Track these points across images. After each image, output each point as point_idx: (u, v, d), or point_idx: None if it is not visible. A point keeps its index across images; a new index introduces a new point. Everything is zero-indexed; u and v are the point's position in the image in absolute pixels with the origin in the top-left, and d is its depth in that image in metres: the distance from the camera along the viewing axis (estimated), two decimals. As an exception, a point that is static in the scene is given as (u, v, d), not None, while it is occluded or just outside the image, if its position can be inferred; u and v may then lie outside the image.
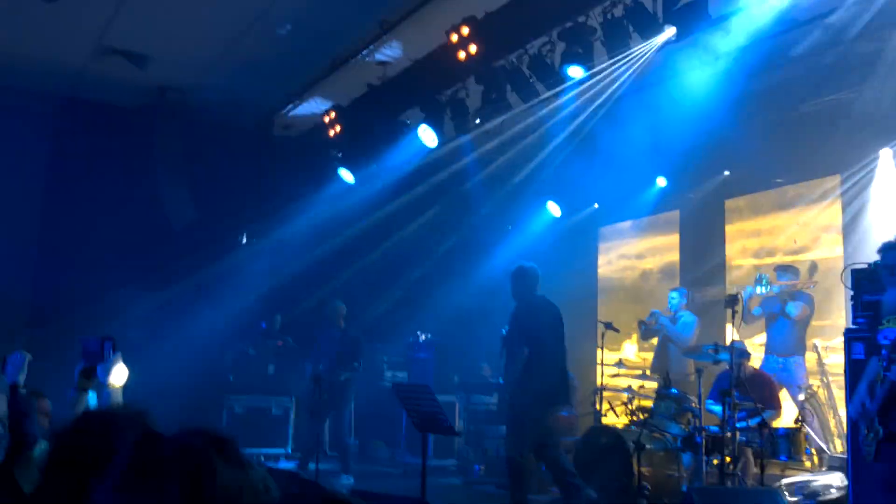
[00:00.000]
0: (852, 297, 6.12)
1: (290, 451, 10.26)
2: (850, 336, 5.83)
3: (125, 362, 3.37)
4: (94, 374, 3.27)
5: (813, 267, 9.06)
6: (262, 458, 9.48)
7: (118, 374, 3.29)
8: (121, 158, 10.36)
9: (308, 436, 9.26)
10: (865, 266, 5.88)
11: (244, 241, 11.36)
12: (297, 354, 10.65)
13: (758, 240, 10.17)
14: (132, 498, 1.49)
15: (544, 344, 6.79)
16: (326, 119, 10.21)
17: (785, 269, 8.78)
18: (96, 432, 2.19)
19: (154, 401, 2.31)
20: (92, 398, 3.32)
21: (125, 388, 3.35)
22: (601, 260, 12.45)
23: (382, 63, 9.32)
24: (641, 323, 9.38)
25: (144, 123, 10.71)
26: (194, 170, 10.92)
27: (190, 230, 10.72)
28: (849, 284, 6.12)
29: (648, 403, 7.62)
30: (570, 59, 7.34)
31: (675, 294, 9.45)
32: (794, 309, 8.35)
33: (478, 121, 8.66)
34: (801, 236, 9.63)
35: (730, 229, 10.64)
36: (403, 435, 10.31)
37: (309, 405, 9.24)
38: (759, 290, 8.55)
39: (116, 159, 10.31)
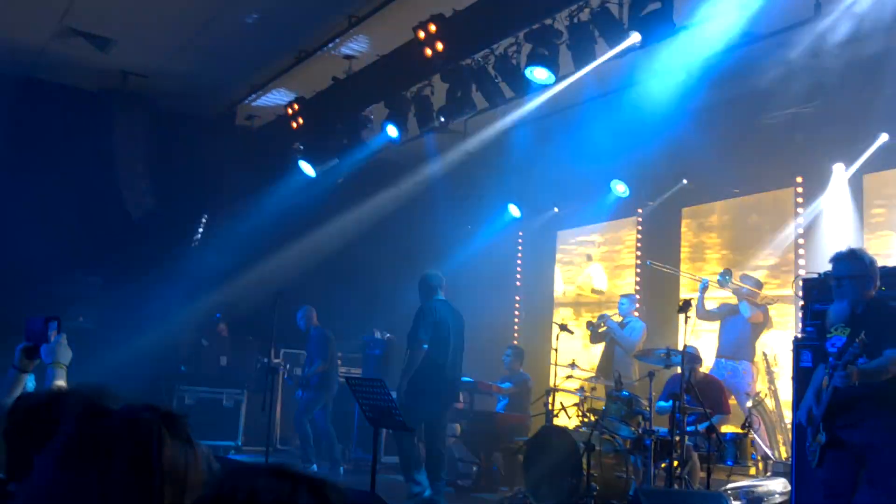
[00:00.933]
0: (802, 307, 6.25)
1: (240, 443, 10.18)
2: (798, 344, 5.94)
3: (75, 348, 3.31)
4: (36, 354, 3.20)
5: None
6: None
7: (62, 355, 3.23)
8: (79, 142, 10.19)
9: (261, 428, 9.21)
10: (816, 276, 6.01)
11: (202, 230, 11.23)
12: (251, 347, 10.57)
13: (713, 248, 10.33)
14: (76, 471, 1.47)
15: (430, 344, 7.50)
16: (290, 111, 10.15)
17: (751, 279, 8.91)
18: (43, 410, 2.16)
19: (101, 387, 2.27)
20: (30, 380, 3.25)
21: (70, 371, 3.28)
22: (559, 263, 12.54)
23: (348, 57, 9.30)
24: (590, 325, 9.49)
25: (105, 108, 10.56)
26: (154, 157, 10.78)
27: (147, 218, 10.58)
28: (799, 294, 6.25)
29: (600, 405, 7.70)
30: (535, 60, 7.38)
31: (624, 300, 9.57)
32: (749, 310, 8.49)
33: (442, 119, 8.67)
34: (756, 246, 9.80)
35: (686, 237, 10.80)
36: (355, 431, 10.29)
37: (261, 398, 9.18)
38: (718, 283, 8.70)
39: (75, 142, 10.13)
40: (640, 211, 11.17)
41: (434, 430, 7.66)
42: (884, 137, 8.31)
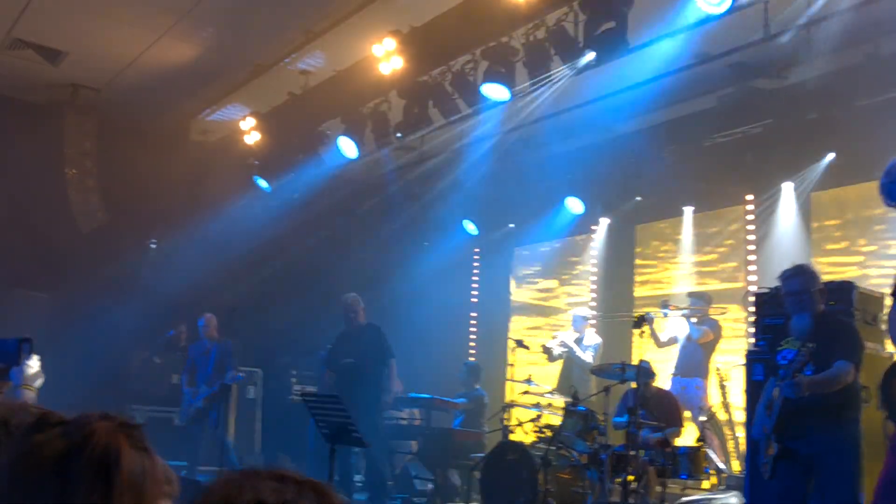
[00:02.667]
0: (754, 321, 6.35)
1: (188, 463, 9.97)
2: (750, 358, 6.04)
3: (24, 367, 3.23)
4: (5, 375, 3.11)
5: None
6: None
7: (31, 378, 3.15)
8: (28, 155, 9.98)
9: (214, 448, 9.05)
10: (767, 291, 6.11)
11: (154, 246, 11.06)
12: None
13: (666, 265, 10.47)
14: (32, 484, 1.43)
15: None
16: (245, 126, 10.08)
17: (698, 296, 8.97)
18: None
19: (50, 406, 2.21)
20: None
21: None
22: (514, 279, 12.60)
23: (305, 72, 9.27)
24: (545, 348, 9.51)
25: (55, 121, 10.37)
26: (106, 171, 10.61)
27: (98, 233, 10.39)
28: (751, 308, 6.35)
29: (557, 420, 7.72)
30: (491, 77, 7.44)
31: (577, 316, 9.63)
32: (696, 332, 8.59)
33: (399, 134, 8.68)
34: (708, 262, 9.96)
35: (639, 253, 10.94)
36: (310, 450, 10.16)
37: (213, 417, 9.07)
38: (661, 314, 8.77)
39: (23, 155, 9.92)
40: (593, 228, 11.28)
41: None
42: (830, 156, 8.52)
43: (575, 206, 10.71)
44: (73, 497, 1.38)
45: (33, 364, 2.98)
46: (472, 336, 12.74)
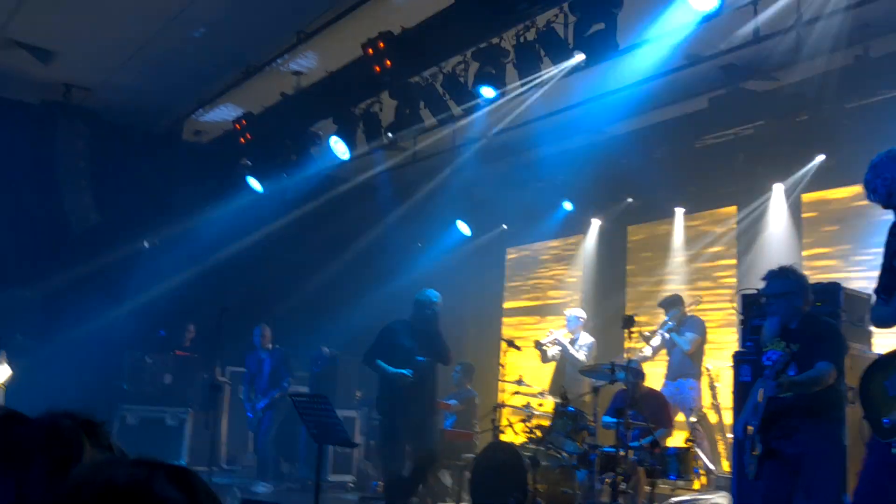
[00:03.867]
0: (742, 322, 6.38)
1: (184, 463, 9.99)
2: (738, 359, 6.07)
3: (13, 366, 3.24)
4: None
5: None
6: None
7: (1, 373, 3.16)
8: (20, 155, 9.99)
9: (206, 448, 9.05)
10: (755, 292, 6.13)
11: (147, 246, 11.06)
12: (197, 365, 10.40)
13: (658, 265, 10.49)
14: None
15: None
16: (237, 126, 10.08)
17: (670, 303, 8.96)
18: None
19: (41, 407, 2.23)
20: None
21: (11, 389, 3.21)
22: (507, 280, 12.62)
23: (297, 73, 9.28)
24: (538, 344, 9.52)
25: (47, 121, 10.35)
26: (98, 171, 10.60)
27: (90, 233, 10.39)
28: (740, 309, 6.38)
29: (547, 422, 7.73)
30: (482, 79, 7.46)
31: (572, 316, 9.65)
32: (687, 344, 8.60)
33: (390, 135, 8.69)
34: (699, 262, 9.99)
35: (631, 254, 10.97)
36: (302, 450, 10.18)
37: (206, 417, 9.06)
38: (649, 347, 8.82)
39: (15, 155, 9.92)
40: (585, 229, 11.31)
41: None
42: (820, 158, 8.55)
43: (566, 206, 10.75)
44: (34, 492, 1.40)
45: (1, 360, 2.98)
46: (465, 336, 12.74)
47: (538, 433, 7.56)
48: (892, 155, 3.84)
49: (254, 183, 10.49)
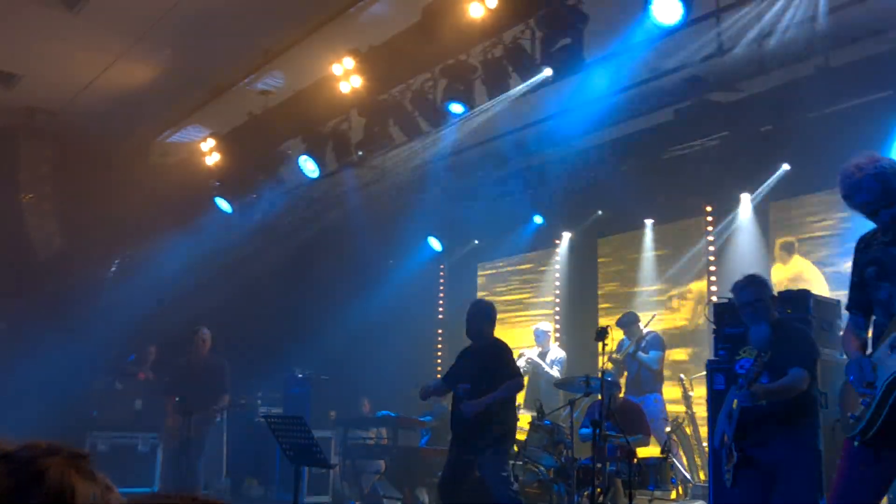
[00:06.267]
0: (714, 331, 6.42)
1: (157, 489, 9.83)
2: (711, 367, 6.10)
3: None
4: None
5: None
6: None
7: None
8: (-18, 180, 9.86)
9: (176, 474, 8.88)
10: (727, 300, 6.18)
11: (114, 270, 10.92)
12: (166, 388, 10.25)
13: (629, 277, 10.56)
14: None
15: None
16: (205, 147, 10.02)
17: (627, 322, 8.97)
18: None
19: (9, 436, 2.17)
20: None
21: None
22: (480, 295, 12.60)
23: (264, 92, 9.25)
24: None
25: (10, 145, 10.23)
26: (64, 195, 10.47)
27: (56, 259, 10.24)
28: (712, 318, 6.42)
29: (523, 436, 7.71)
30: (451, 95, 7.48)
31: (539, 330, 9.67)
32: (655, 363, 8.63)
33: (360, 153, 8.68)
34: (668, 273, 10.07)
35: (602, 266, 11.03)
36: (277, 472, 10.06)
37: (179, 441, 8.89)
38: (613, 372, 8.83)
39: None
40: (556, 242, 11.36)
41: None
42: (785, 167, 8.67)
43: (536, 220, 10.80)
44: None
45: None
46: (439, 353, 12.72)
47: (515, 448, 7.54)
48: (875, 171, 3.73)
49: (223, 203, 10.41)
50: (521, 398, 9.43)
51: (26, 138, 10.24)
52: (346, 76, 7.91)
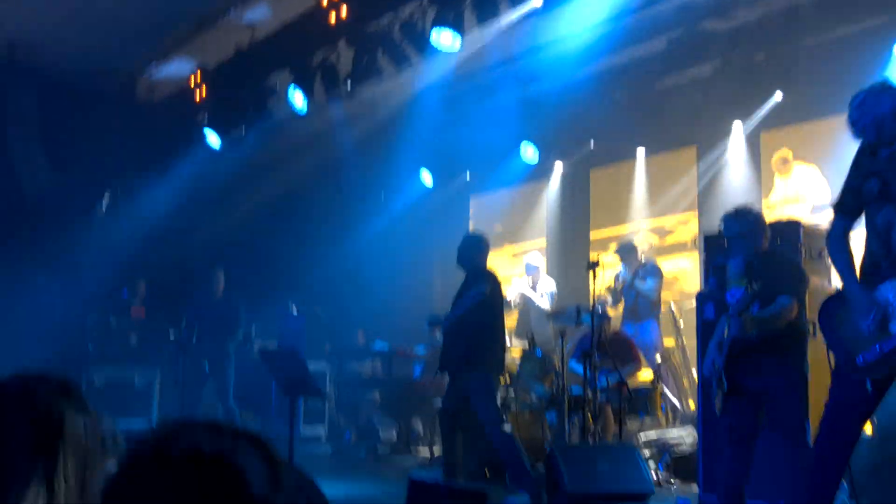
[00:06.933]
0: (704, 262, 6.46)
1: (154, 423, 9.96)
2: (701, 298, 6.14)
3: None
4: None
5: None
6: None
7: None
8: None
9: (175, 407, 9.00)
10: (718, 232, 6.19)
11: (104, 206, 10.87)
12: (161, 323, 10.30)
13: (620, 208, 10.56)
14: None
15: None
16: (192, 82, 9.87)
17: (626, 250, 8.99)
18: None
19: (4, 370, 2.18)
20: None
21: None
22: (472, 228, 12.61)
23: (251, 24, 9.08)
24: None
25: (-7, 82, 10.07)
26: (51, 132, 10.34)
27: (44, 195, 10.17)
28: (702, 249, 6.45)
29: (514, 366, 7.81)
30: (440, 24, 7.36)
31: (529, 263, 9.71)
32: (652, 292, 8.68)
33: (349, 85, 8.57)
34: (661, 204, 10.08)
35: (594, 198, 11.02)
36: (273, 404, 10.19)
37: (175, 375, 8.99)
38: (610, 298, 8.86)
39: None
40: (548, 173, 11.33)
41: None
42: (778, 96, 8.61)
43: (529, 152, 10.73)
44: (16, 464, 1.37)
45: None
46: (433, 285, 12.77)
47: (507, 378, 7.65)
48: (876, 90, 3.70)
49: (212, 138, 10.31)
50: (512, 326, 9.55)
51: (9, 74, 10.06)
52: (334, 6, 7.77)
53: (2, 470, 1.39)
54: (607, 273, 9.08)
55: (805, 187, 8.73)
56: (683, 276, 9.64)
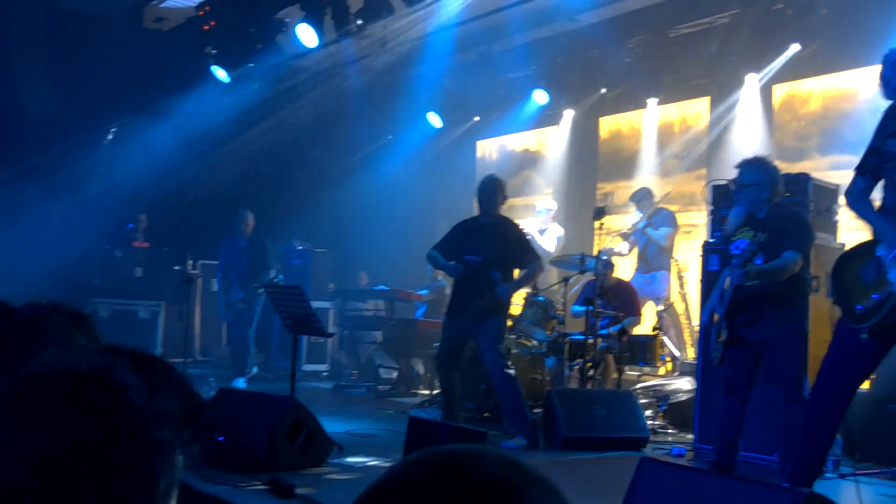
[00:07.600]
0: (711, 212, 6.43)
1: (158, 354, 10.05)
2: (706, 248, 6.14)
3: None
4: None
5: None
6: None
7: None
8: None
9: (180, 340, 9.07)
10: (724, 182, 6.15)
11: (110, 137, 10.81)
12: (167, 257, 10.34)
13: (630, 156, 10.48)
14: None
15: None
16: (200, 13, 9.73)
17: (641, 197, 8.94)
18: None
19: (12, 299, 2.19)
20: None
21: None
22: (478, 172, 12.55)
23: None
24: None
25: (0, 9, 9.91)
26: (57, 60, 10.23)
27: (51, 124, 10.11)
28: (709, 199, 6.41)
29: (517, 311, 7.84)
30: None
31: (542, 208, 9.68)
32: (664, 239, 8.66)
33: (360, 22, 8.45)
34: (671, 154, 10.00)
35: (603, 145, 10.94)
36: (275, 341, 10.29)
37: (179, 310, 9.04)
38: (625, 244, 8.83)
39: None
40: (559, 119, 11.22)
41: None
42: (795, 47, 8.46)
43: (540, 97, 10.60)
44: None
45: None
46: (437, 228, 12.76)
47: (508, 322, 7.68)
48: None
49: (219, 72, 10.21)
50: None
51: (15, 1, 9.92)
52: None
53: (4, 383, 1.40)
54: (624, 220, 9.10)
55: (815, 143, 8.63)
56: (689, 227, 9.61)
